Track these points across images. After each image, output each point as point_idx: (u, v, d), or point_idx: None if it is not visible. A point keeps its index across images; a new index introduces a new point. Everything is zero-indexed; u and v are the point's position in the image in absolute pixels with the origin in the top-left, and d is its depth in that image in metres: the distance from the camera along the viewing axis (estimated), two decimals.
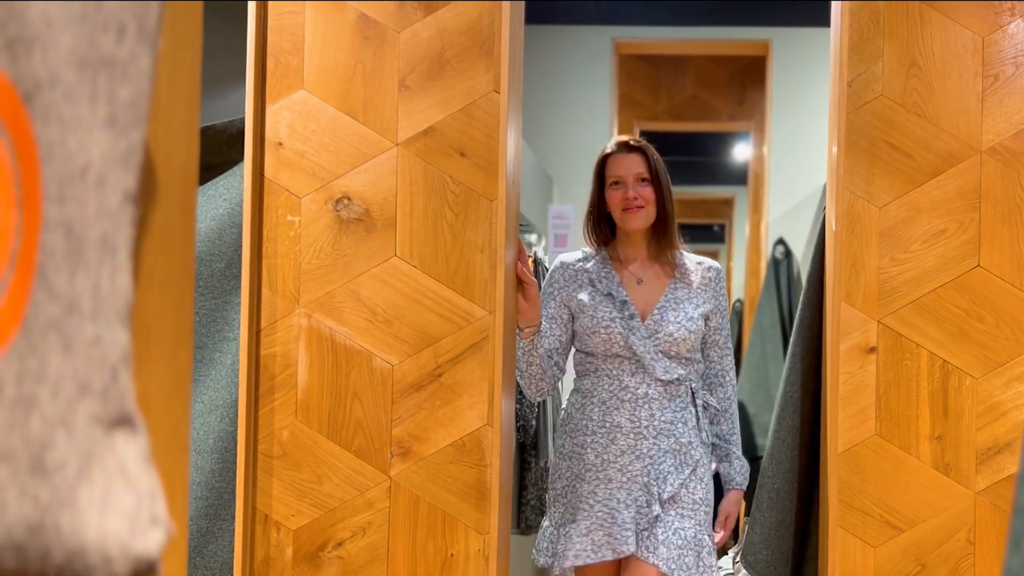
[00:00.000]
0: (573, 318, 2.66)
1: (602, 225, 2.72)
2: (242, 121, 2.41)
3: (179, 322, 1.06)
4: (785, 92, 4.42)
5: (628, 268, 2.66)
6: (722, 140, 7.36)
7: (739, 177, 6.89)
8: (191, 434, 2.47)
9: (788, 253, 4.49)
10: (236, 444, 2.43)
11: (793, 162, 4.43)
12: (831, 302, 2.44)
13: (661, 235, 2.63)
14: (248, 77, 2.34)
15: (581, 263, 2.69)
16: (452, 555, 2.38)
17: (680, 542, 2.49)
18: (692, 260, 2.68)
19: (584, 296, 2.62)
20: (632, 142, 2.65)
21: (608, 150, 2.68)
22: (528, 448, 3.75)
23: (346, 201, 2.40)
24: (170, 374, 1.06)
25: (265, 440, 2.42)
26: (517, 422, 3.64)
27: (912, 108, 2.39)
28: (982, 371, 2.38)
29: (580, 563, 2.54)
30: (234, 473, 2.46)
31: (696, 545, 2.52)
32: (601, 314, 2.57)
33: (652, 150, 2.64)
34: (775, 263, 4.51)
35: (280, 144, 2.40)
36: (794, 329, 2.67)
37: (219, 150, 2.51)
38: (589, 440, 2.58)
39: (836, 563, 2.40)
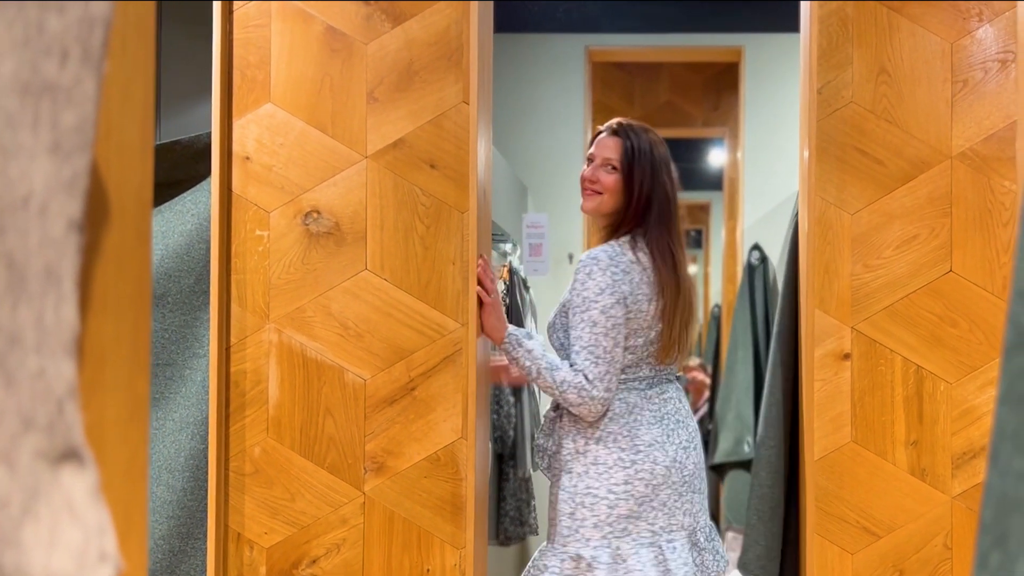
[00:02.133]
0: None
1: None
2: (209, 135, 2.39)
3: (136, 348, 1.04)
4: (758, 98, 4.43)
5: None
6: (697, 146, 7.37)
7: (715, 183, 6.90)
8: (162, 452, 2.44)
9: (763, 259, 4.48)
10: (208, 462, 2.40)
11: (767, 167, 4.44)
12: (805, 309, 2.43)
13: (617, 227, 2.42)
14: (214, 91, 2.32)
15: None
16: (428, 570, 2.35)
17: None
18: None
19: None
20: (617, 126, 2.47)
21: (599, 129, 2.52)
22: (506, 459, 3.73)
23: (315, 215, 2.38)
24: (127, 401, 1.03)
25: (236, 457, 2.39)
26: (494, 433, 3.62)
27: (882, 114, 2.39)
28: (956, 376, 2.38)
29: None
30: (206, 491, 2.42)
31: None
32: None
33: (640, 139, 2.42)
34: (750, 269, 4.51)
35: (248, 158, 2.38)
36: (773, 337, 2.66)
37: (186, 165, 2.48)
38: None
39: (814, 570, 2.39)
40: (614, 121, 2.51)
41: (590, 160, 2.46)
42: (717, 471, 4.56)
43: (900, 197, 2.40)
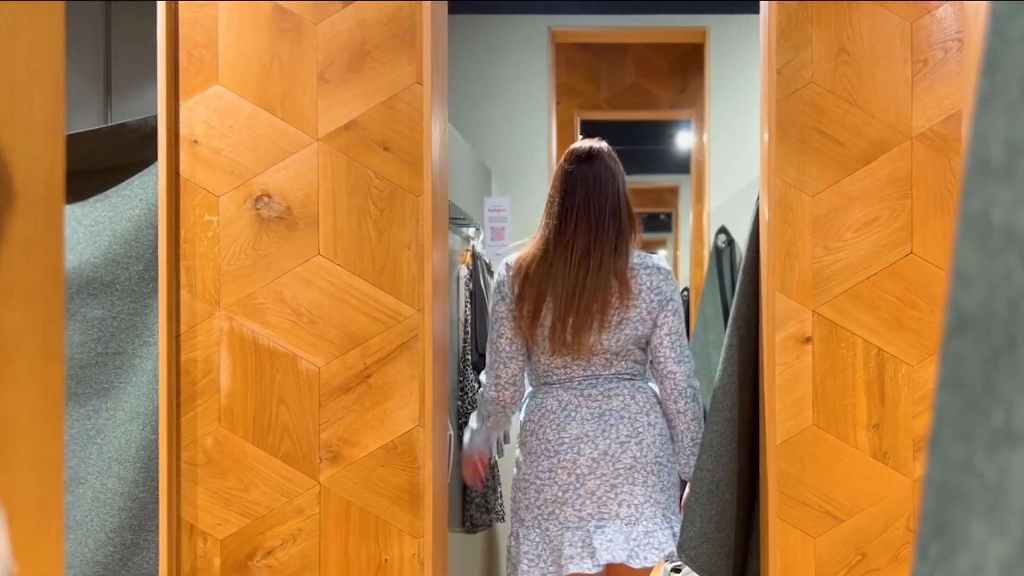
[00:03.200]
0: None
1: None
2: (156, 118, 2.32)
3: (48, 337, 0.99)
4: (723, 80, 4.40)
5: None
6: (665, 128, 7.34)
7: (684, 165, 6.88)
8: (113, 443, 2.38)
9: (730, 241, 4.47)
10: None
11: (733, 150, 4.41)
12: (766, 292, 2.41)
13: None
14: (159, 72, 2.25)
15: None
16: (386, 560, 2.32)
17: None
18: None
19: None
20: (588, 151, 2.64)
21: (566, 156, 2.69)
22: None
23: (266, 199, 2.32)
24: (39, 392, 0.98)
25: (188, 448, 2.34)
26: (460, 420, 3.58)
27: (842, 95, 2.36)
28: (917, 358, 2.37)
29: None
30: (159, 483, 2.37)
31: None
32: None
33: (603, 160, 2.63)
34: (717, 252, 4.49)
35: (196, 141, 2.32)
36: (730, 320, 2.63)
37: (133, 149, 2.42)
38: None
39: (777, 555, 2.37)
40: (587, 145, 2.67)
41: None
42: None
43: (861, 178, 2.37)
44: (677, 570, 4.24)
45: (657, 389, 2.67)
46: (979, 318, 0.55)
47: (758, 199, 2.54)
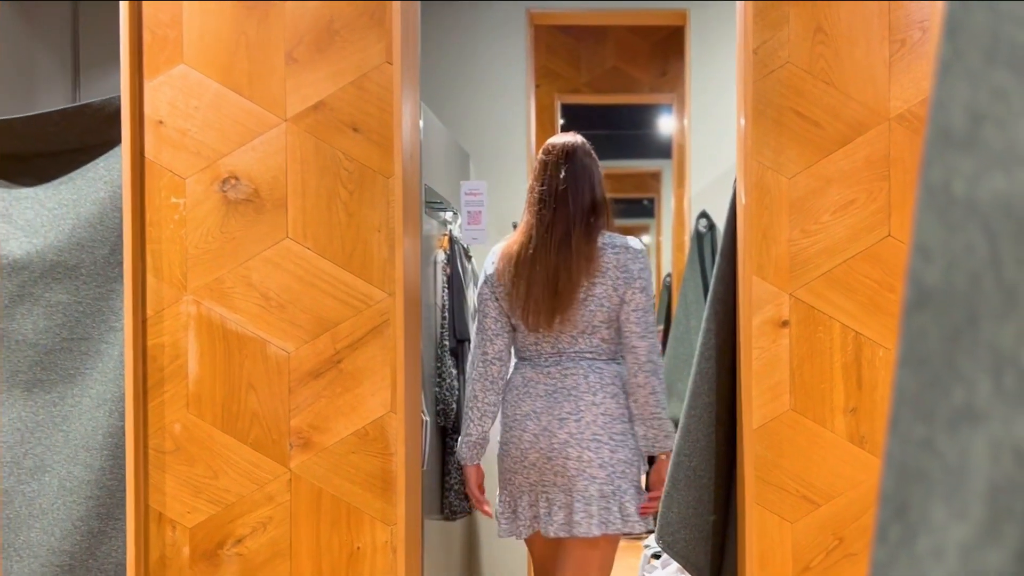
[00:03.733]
0: None
1: None
2: (120, 98, 2.27)
3: None
4: (704, 63, 4.36)
5: None
6: (646, 112, 7.30)
7: (665, 150, 6.85)
8: (79, 430, 2.34)
9: (711, 226, 4.44)
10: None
11: (714, 134, 4.38)
12: (743, 276, 2.38)
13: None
14: (122, 51, 2.20)
15: None
16: (358, 548, 2.29)
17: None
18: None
19: None
20: (562, 151, 2.75)
21: (543, 150, 2.81)
22: (450, 432, 3.66)
23: (233, 181, 2.28)
24: None
25: (156, 435, 2.30)
26: (437, 406, 3.55)
27: (819, 75, 2.33)
28: (895, 342, 2.34)
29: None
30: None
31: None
32: None
33: (578, 156, 2.74)
34: (698, 236, 4.46)
35: (161, 122, 2.27)
36: (707, 304, 2.61)
37: (98, 129, 2.37)
38: None
39: (754, 540, 2.35)
40: (555, 147, 2.79)
41: None
42: None
43: (838, 160, 2.34)
44: (657, 555, 4.23)
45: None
46: (940, 293, 0.53)
47: (735, 182, 2.51)
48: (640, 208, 9.74)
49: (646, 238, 10.82)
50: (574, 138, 2.81)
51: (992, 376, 0.48)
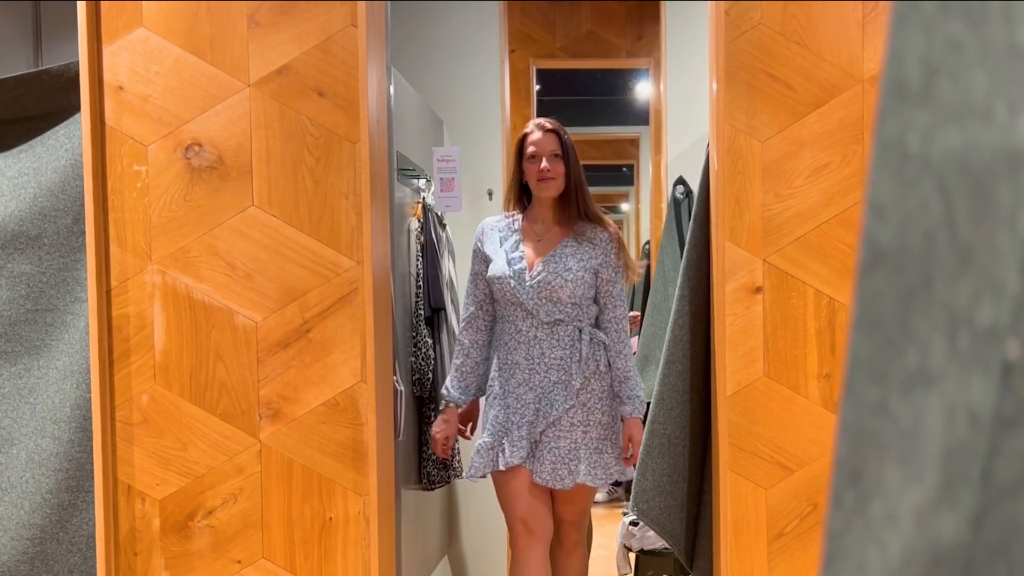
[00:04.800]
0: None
1: (520, 193, 3.08)
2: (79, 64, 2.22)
3: None
4: (679, 26, 4.31)
5: (534, 228, 3.03)
6: (623, 77, 7.23)
7: (643, 116, 6.79)
8: (47, 403, 2.30)
9: (688, 192, 4.41)
10: None
11: (690, 98, 4.34)
12: (716, 242, 2.36)
13: (567, 203, 3.00)
14: (80, 14, 2.14)
15: (497, 223, 3.10)
16: (331, 519, 2.27)
17: (553, 458, 2.88)
18: (591, 225, 3.03)
19: (491, 251, 3.03)
20: (548, 125, 3.00)
21: (528, 130, 3.03)
22: (426, 401, 3.64)
23: (196, 148, 2.23)
24: None
25: (123, 407, 2.27)
26: (413, 376, 3.52)
27: (792, 36, 2.30)
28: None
29: (477, 474, 2.92)
30: None
31: (568, 459, 2.89)
32: (498, 266, 2.96)
33: (563, 130, 3.02)
34: (675, 203, 4.43)
35: (121, 88, 2.21)
36: (681, 271, 2.59)
37: (57, 96, 2.31)
38: (496, 375, 2.99)
39: (728, 506, 2.35)
40: (539, 122, 3.04)
41: (533, 155, 2.98)
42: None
43: (811, 123, 2.31)
44: (635, 523, 4.24)
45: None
46: (894, 253, 0.51)
47: (708, 146, 2.48)
48: (619, 176, 9.68)
49: (625, 206, 10.76)
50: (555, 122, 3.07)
51: (946, 337, 0.47)
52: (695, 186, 4.24)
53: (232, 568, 2.27)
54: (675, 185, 4.47)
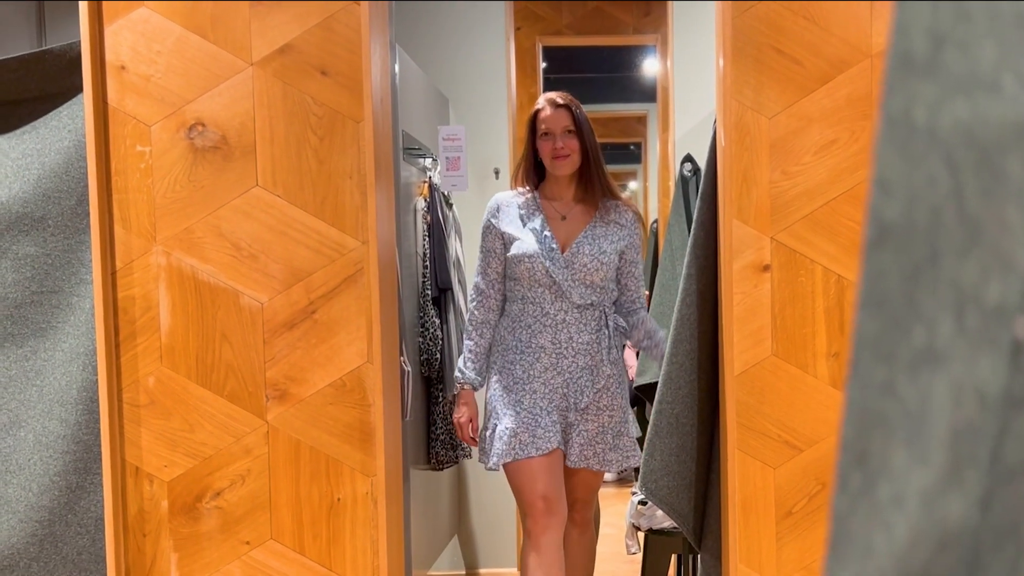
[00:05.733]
0: (506, 248, 2.94)
1: (533, 171, 2.99)
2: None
3: None
4: (687, 2, 4.28)
5: (554, 206, 2.96)
6: (630, 54, 7.18)
7: (651, 93, 6.74)
8: (54, 385, 2.30)
9: (696, 170, 4.38)
10: None
11: (698, 75, 4.31)
12: (723, 220, 2.34)
13: (586, 180, 2.94)
14: None
15: (514, 199, 2.98)
16: (339, 500, 2.27)
17: (582, 440, 2.89)
18: (613, 204, 2.99)
19: (513, 229, 2.92)
20: (560, 100, 2.92)
21: (540, 106, 2.96)
22: (434, 382, 3.64)
23: (200, 128, 2.22)
24: None
25: (130, 388, 2.27)
26: (421, 356, 3.52)
27: (799, 11, 2.27)
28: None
29: (506, 460, 2.83)
30: None
31: (595, 441, 2.91)
32: (528, 245, 2.86)
33: (577, 105, 2.94)
34: (683, 181, 4.40)
35: (123, 67, 2.20)
36: (688, 249, 2.57)
37: (59, 77, 2.30)
38: (518, 358, 2.89)
39: (736, 486, 2.34)
40: (551, 97, 2.96)
41: (546, 133, 2.90)
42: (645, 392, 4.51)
43: (819, 99, 2.29)
44: (644, 503, 4.24)
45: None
46: (900, 229, 0.50)
47: (715, 123, 2.46)
48: (627, 154, 9.64)
49: (633, 184, 10.71)
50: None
51: (954, 315, 0.46)
52: (703, 164, 4.21)
53: (241, 549, 2.28)
54: (683, 163, 4.44)
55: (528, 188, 3.00)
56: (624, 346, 3.07)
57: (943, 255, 0.47)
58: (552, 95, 2.98)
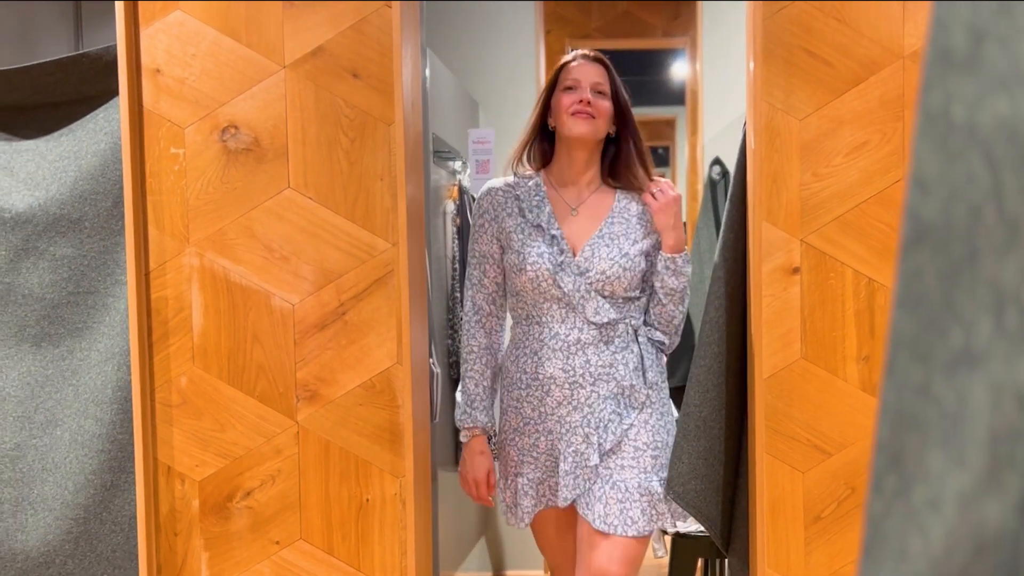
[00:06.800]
0: (503, 252, 2.40)
1: (542, 142, 2.44)
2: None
3: None
4: (716, 5, 4.27)
5: (563, 195, 2.40)
6: (659, 57, 7.17)
7: (679, 96, 6.73)
8: (89, 384, 2.33)
9: (725, 173, 4.38)
10: None
11: (727, 78, 4.30)
12: (753, 222, 2.33)
13: (624, 166, 2.41)
14: None
15: (511, 189, 2.40)
16: (368, 500, 2.28)
17: (620, 496, 2.33)
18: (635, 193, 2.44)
19: (512, 227, 2.36)
20: (595, 54, 2.43)
21: (568, 58, 2.45)
22: None
23: (233, 130, 2.24)
24: None
25: (162, 388, 2.29)
26: (450, 358, 3.54)
27: (830, 12, 2.26)
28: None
29: (524, 521, 2.47)
30: None
31: (642, 495, 2.35)
32: (529, 250, 2.32)
33: (615, 71, 2.45)
34: (712, 184, 4.40)
35: (158, 71, 2.23)
36: (717, 252, 2.56)
37: (95, 79, 2.33)
38: (525, 394, 2.38)
39: (764, 490, 2.33)
40: (584, 51, 2.46)
41: (571, 87, 2.37)
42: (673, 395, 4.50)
43: (850, 101, 2.27)
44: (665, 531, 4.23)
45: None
46: (938, 228, 0.50)
47: (745, 125, 2.45)
48: (656, 157, 9.61)
49: None
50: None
51: (993, 315, 0.45)
52: (731, 167, 4.21)
53: (271, 549, 2.29)
54: (711, 166, 4.44)
55: (532, 171, 2.43)
56: (665, 369, 2.55)
57: (982, 254, 0.47)
58: (584, 49, 2.47)
